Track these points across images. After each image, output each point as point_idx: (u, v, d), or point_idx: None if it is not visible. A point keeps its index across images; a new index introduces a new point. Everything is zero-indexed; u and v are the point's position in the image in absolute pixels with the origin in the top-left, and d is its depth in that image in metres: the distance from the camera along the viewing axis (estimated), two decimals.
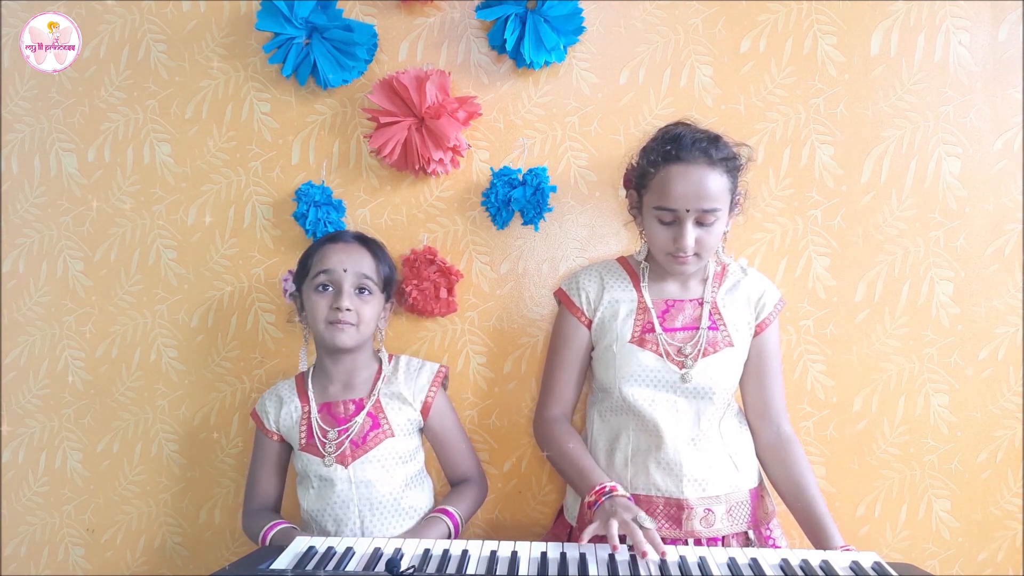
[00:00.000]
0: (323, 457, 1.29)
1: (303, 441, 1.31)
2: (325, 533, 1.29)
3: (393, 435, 1.31)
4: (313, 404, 1.33)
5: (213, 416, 1.58)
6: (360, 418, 1.30)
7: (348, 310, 1.27)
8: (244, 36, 1.54)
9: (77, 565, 1.62)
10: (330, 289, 1.29)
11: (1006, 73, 1.45)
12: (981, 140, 1.45)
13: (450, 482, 1.43)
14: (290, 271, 1.45)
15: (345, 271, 1.28)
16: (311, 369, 1.38)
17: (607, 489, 1.15)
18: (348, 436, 1.29)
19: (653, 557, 1.02)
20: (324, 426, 1.31)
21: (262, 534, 1.27)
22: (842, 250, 1.47)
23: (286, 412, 1.34)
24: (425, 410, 1.35)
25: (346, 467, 1.28)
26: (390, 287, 1.37)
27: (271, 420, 1.35)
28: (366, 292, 1.31)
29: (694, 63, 1.48)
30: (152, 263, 1.58)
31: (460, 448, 1.41)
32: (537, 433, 1.37)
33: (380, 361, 1.38)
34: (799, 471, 1.27)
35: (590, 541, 1.08)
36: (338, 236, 1.36)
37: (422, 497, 1.35)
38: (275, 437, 1.36)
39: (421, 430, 1.39)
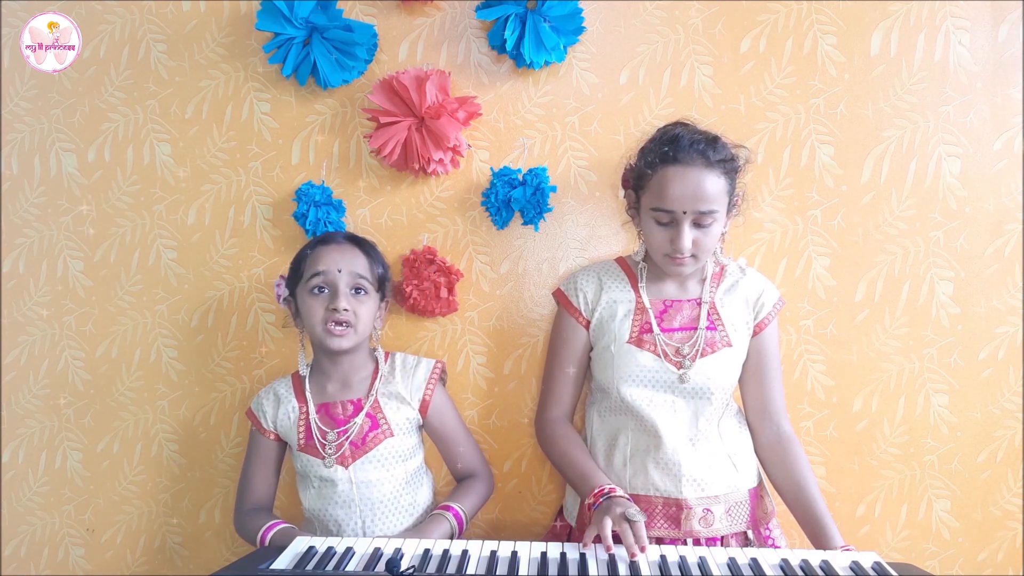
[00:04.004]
0: (323, 458, 1.28)
1: (302, 442, 1.31)
2: (327, 532, 1.30)
3: (392, 434, 1.31)
4: (311, 404, 1.33)
5: (213, 416, 1.58)
6: (359, 419, 1.30)
7: (345, 310, 1.26)
8: (244, 36, 1.53)
9: (77, 565, 1.62)
10: (325, 291, 1.28)
11: (1006, 73, 1.45)
12: (981, 140, 1.45)
13: (455, 478, 1.42)
14: (282, 276, 1.45)
15: (340, 272, 1.28)
16: (309, 369, 1.37)
17: (606, 491, 1.16)
18: (348, 437, 1.29)
19: (639, 558, 1.04)
20: (323, 427, 1.30)
21: (260, 534, 1.27)
22: (842, 250, 1.47)
23: (283, 412, 1.34)
24: (423, 408, 1.35)
25: (346, 468, 1.28)
26: (384, 286, 1.36)
27: (268, 419, 1.35)
28: (362, 292, 1.30)
29: (694, 63, 1.48)
30: (152, 263, 1.58)
31: (462, 442, 1.40)
32: (539, 434, 1.37)
33: (376, 360, 1.37)
34: (799, 471, 1.27)
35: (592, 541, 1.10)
36: (329, 237, 1.35)
37: (422, 493, 1.35)
38: (272, 436, 1.35)
39: (421, 427, 1.39)
